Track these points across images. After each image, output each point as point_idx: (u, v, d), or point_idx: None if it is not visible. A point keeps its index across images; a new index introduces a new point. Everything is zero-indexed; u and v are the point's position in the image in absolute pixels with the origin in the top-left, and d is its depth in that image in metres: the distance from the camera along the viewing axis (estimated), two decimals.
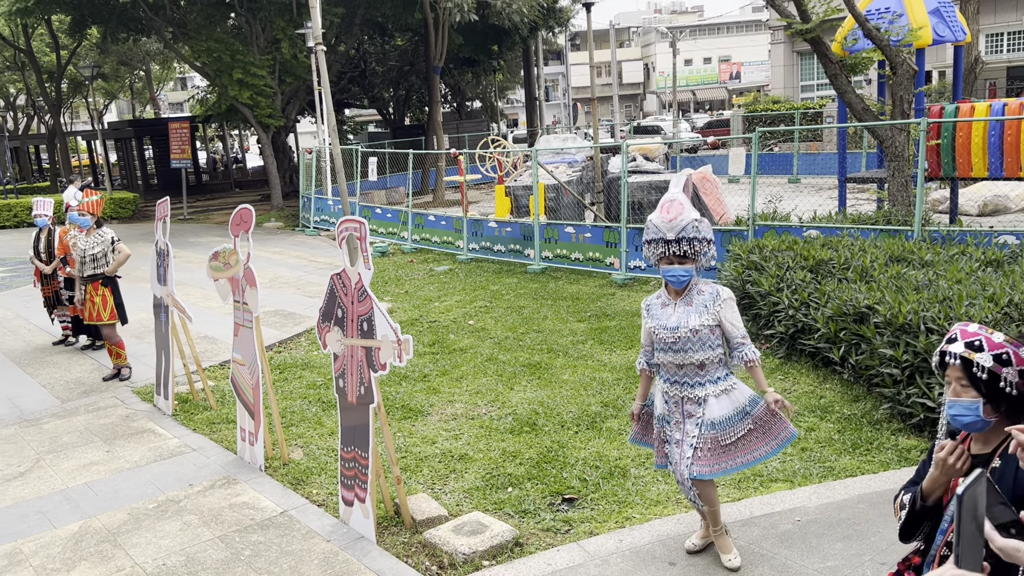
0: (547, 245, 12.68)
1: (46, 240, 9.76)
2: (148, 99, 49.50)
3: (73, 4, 21.87)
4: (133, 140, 35.41)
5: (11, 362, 9.23)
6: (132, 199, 26.26)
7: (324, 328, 4.94)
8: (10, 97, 46.22)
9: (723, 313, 3.95)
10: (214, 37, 21.75)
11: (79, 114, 55.03)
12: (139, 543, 4.83)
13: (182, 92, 67.53)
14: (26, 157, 43.06)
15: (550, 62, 57.66)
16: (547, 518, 4.84)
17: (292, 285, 12.89)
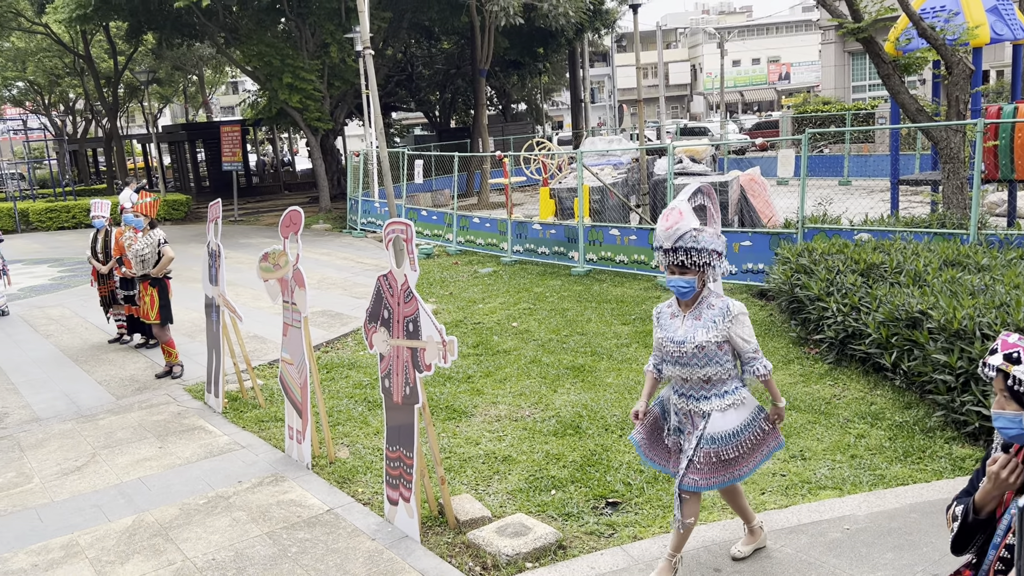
0: (591, 247, 12.64)
1: (103, 241, 10.03)
2: (201, 103, 50.61)
3: (130, 11, 22.45)
4: (186, 143, 36.25)
5: (69, 359, 9.51)
6: (185, 201, 26.86)
7: (371, 329, 4.99)
8: (70, 102, 47.67)
9: (733, 329, 3.83)
10: (265, 42, 22.15)
11: (135, 118, 56.47)
12: (189, 538, 4.94)
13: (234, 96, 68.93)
14: (84, 160, 44.34)
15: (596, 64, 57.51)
16: (590, 521, 4.82)
17: (339, 286, 13.05)
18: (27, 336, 10.84)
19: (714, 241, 3.80)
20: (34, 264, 17.84)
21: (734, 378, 3.93)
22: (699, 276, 3.84)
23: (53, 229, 25.34)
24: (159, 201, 8.32)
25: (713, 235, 3.82)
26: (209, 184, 35.50)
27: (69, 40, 33.30)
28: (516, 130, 33.14)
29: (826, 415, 6.19)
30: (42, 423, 7.31)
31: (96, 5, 21.00)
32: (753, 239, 10.51)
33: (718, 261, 3.83)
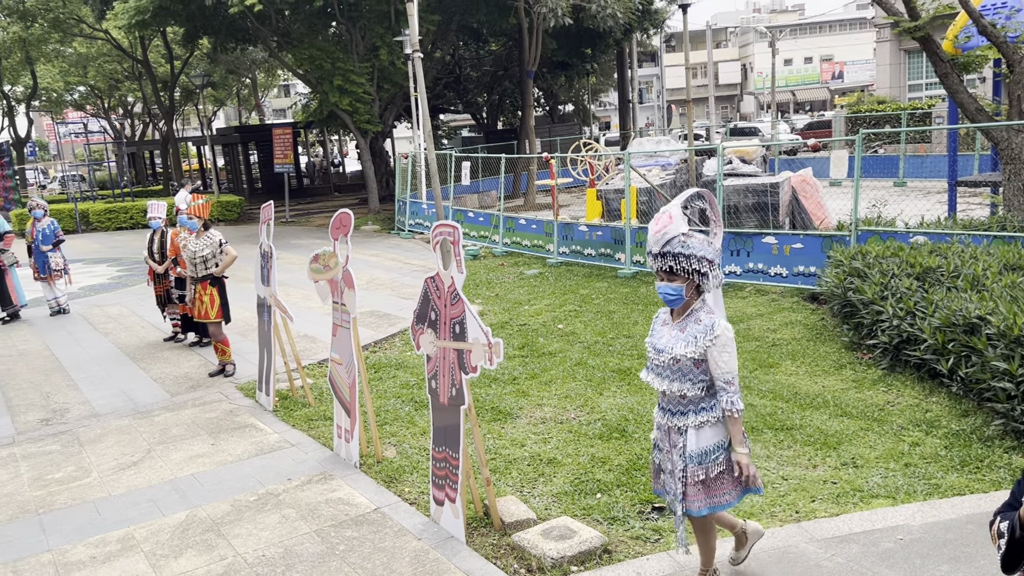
0: (638, 249, 12.55)
1: (159, 241, 10.29)
2: (254, 106, 51.61)
3: (186, 16, 23.00)
4: (239, 145, 36.98)
5: (126, 357, 9.77)
6: (238, 202, 27.41)
7: (418, 330, 5.04)
8: (128, 106, 49.01)
9: (711, 351, 3.59)
10: (316, 45, 22.50)
11: (190, 121, 57.84)
12: (240, 534, 5.04)
13: (285, 99, 70.12)
14: (142, 162, 45.55)
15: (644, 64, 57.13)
16: (636, 526, 4.79)
17: (387, 287, 13.19)
18: (87, 334, 11.17)
19: (704, 248, 3.60)
20: (94, 263, 18.38)
21: (712, 397, 3.71)
22: (688, 284, 3.63)
23: (112, 229, 26.07)
24: (211, 203, 8.50)
25: (703, 241, 3.63)
26: (261, 186, 36.18)
27: (128, 45, 34.24)
28: (563, 131, 33.11)
29: (879, 422, 6.05)
30: (100, 419, 7.53)
31: (154, 11, 21.56)
32: (805, 241, 10.34)
33: (710, 269, 3.60)
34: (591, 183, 16.31)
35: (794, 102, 70.21)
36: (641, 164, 16.95)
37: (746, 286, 10.81)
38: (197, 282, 8.47)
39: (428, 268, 14.48)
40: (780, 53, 54.26)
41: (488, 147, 27.89)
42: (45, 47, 35.31)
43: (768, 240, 10.62)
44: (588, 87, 39.18)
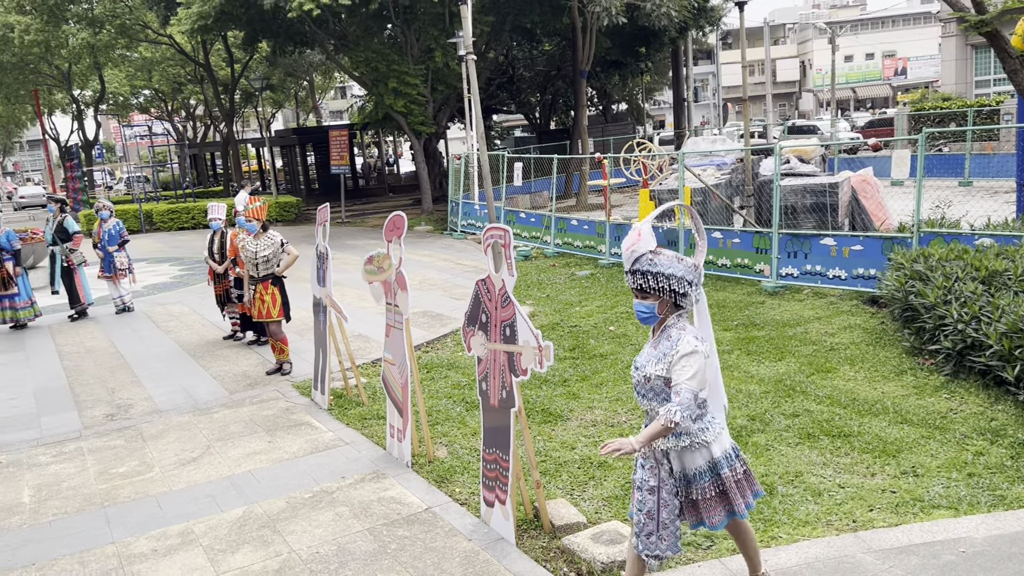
0: (692, 251, 12.41)
1: (219, 242, 10.54)
2: (311, 108, 52.51)
3: (246, 20, 23.51)
4: (297, 147, 37.66)
5: (187, 354, 10.04)
6: (295, 203, 27.91)
7: (469, 332, 5.07)
8: (191, 108, 50.32)
9: (673, 368, 3.51)
10: (372, 48, 22.78)
11: (249, 123, 59.08)
12: (295, 530, 5.14)
13: (342, 101, 71.16)
14: (203, 163, 46.69)
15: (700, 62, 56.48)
16: (688, 532, 4.74)
17: (440, 287, 13.29)
18: (150, 332, 11.51)
19: (673, 265, 3.53)
20: (157, 263, 18.92)
21: (698, 417, 3.64)
22: (661, 302, 3.58)
23: (174, 229, 26.80)
24: (267, 205, 8.68)
25: (672, 259, 3.55)
26: (318, 187, 36.78)
27: (191, 50, 35.14)
28: (616, 131, 32.92)
29: (941, 430, 5.88)
30: (162, 415, 7.75)
31: (215, 16, 22.10)
32: (864, 243, 10.10)
33: (681, 287, 3.53)
34: (644, 183, 16.18)
35: (855, 99, 68.59)
36: (696, 164, 16.74)
37: (803, 288, 10.61)
38: (258, 282, 8.65)
39: (480, 269, 14.55)
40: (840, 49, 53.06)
41: (540, 147, 27.88)
42: (112, 52, 36.46)
43: (826, 242, 10.40)
44: (642, 86, 38.90)
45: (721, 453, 3.67)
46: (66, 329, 12.03)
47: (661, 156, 18.61)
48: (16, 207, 46.46)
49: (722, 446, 3.69)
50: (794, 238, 10.79)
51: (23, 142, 68.34)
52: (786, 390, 6.97)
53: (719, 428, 3.71)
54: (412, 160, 28.70)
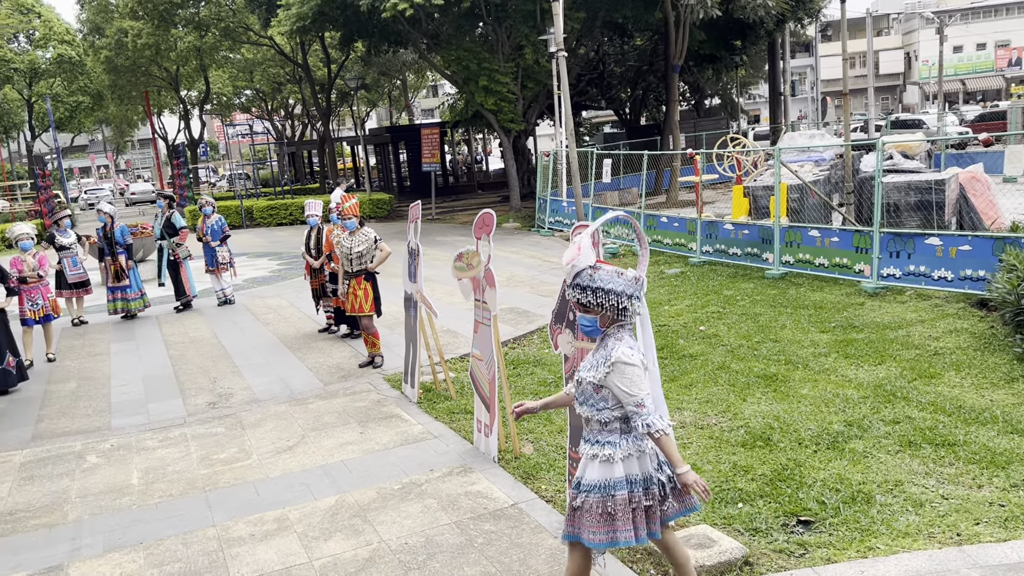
0: (788, 249, 12.07)
1: (315, 238, 10.85)
2: (403, 106, 53.47)
3: (343, 21, 24.12)
4: (389, 145, 38.42)
5: (284, 346, 10.39)
6: (388, 200, 28.50)
7: (556, 329, 5.06)
8: (289, 108, 52.00)
9: (610, 377, 3.51)
10: (463, 47, 23.03)
11: (345, 121, 60.66)
12: (385, 521, 5.25)
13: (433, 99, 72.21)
14: (300, 161, 48.22)
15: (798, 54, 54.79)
16: (780, 539, 4.62)
17: (527, 284, 13.33)
18: (249, 323, 11.96)
19: (612, 280, 3.53)
20: (256, 257, 19.65)
21: (616, 432, 3.61)
22: (602, 316, 3.59)
23: (273, 225, 27.77)
24: (358, 203, 8.89)
25: (612, 274, 3.55)
26: (410, 184, 37.44)
27: (290, 51, 36.31)
28: (709, 126, 32.27)
29: None
30: (260, 404, 8.05)
31: (313, 17, 22.76)
32: (973, 243, 9.60)
33: (620, 301, 3.52)
34: (738, 179, 15.84)
35: (964, 92, 65.25)
36: (792, 159, 16.25)
37: (906, 290, 10.17)
38: (352, 277, 8.87)
39: None
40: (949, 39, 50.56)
41: (630, 143, 27.61)
42: (217, 54, 38.07)
43: (932, 241, 9.94)
44: (736, 80, 38.01)
45: (622, 475, 3.60)
46: (172, 320, 12.63)
47: (756, 152, 18.15)
48: (127, 203, 49.02)
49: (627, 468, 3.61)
50: (897, 237, 10.35)
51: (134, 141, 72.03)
52: (886, 395, 6.70)
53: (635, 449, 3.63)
54: (501, 157, 28.86)
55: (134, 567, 4.92)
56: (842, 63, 14.45)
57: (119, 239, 12.46)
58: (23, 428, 7.85)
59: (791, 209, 13.46)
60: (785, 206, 12.84)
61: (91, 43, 40.24)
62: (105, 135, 69.42)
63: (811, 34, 40.99)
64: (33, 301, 10.25)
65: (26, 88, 47.39)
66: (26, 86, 47.34)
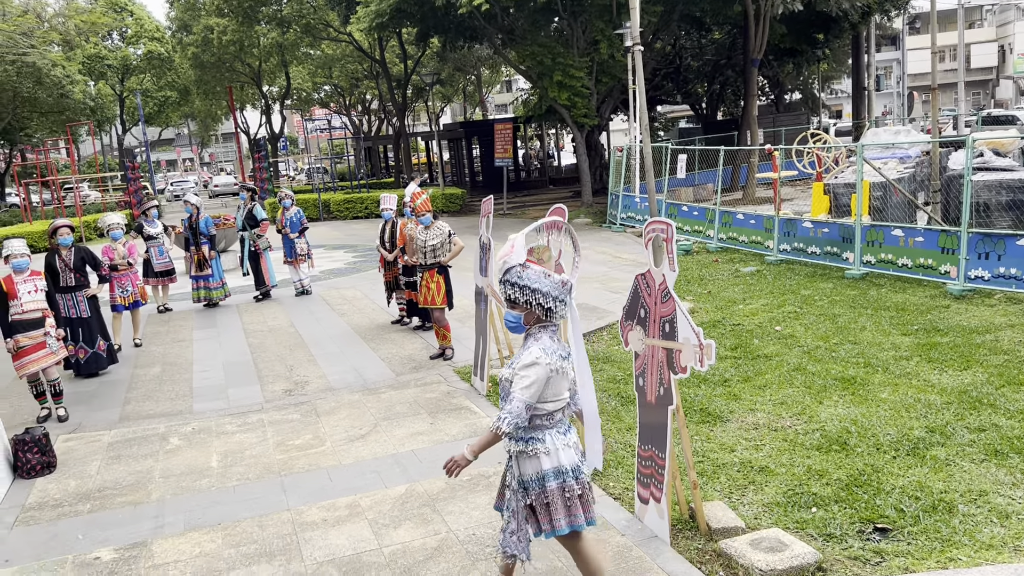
0: (869, 249, 11.70)
1: (390, 231, 11.03)
2: (477, 102, 53.78)
3: (420, 17, 24.39)
4: (463, 140, 38.66)
5: (358, 337, 10.60)
6: (460, 194, 28.74)
7: (626, 326, 5.03)
8: (366, 103, 52.90)
9: (515, 375, 3.66)
10: (538, 42, 23.01)
11: (420, 117, 61.37)
12: (453, 511, 5.31)
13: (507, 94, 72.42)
14: (376, 156, 49.00)
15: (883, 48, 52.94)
16: (855, 545, 4.50)
17: (597, 280, 13.26)
18: (325, 314, 12.24)
19: (539, 280, 3.64)
20: (333, 249, 20.08)
21: (541, 428, 3.72)
22: (527, 314, 3.71)
23: (349, 218, 28.32)
24: (429, 198, 9.00)
25: (540, 274, 3.65)
26: (482, 179, 37.65)
27: (368, 47, 36.91)
28: (788, 121, 31.46)
29: None
30: (335, 392, 8.23)
31: (391, 13, 23.09)
32: None
33: (546, 302, 3.64)
34: (818, 176, 15.41)
35: None
36: (876, 156, 15.71)
37: (995, 293, 9.74)
38: (425, 270, 8.99)
39: (638, 263, 14.38)
40: None
41: (706, 138, 27.16)
42: (297, 50, 38.99)
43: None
44: (818, 74, 36.96)
45: (551, 467, 3.72)
46: (252, 309, 13.02)
47: (837, 148, 17.63)
48: (210, 195, 50.68)
49: (555, 460, 3.72)
50: (986, 238, 9.92)
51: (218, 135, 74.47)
52: (971, 402, 6.44)
53: (561, 443, 3.74)
54: (573, 152, 28.75)
55: (213, 546, 5.10)
56: (931, 56, 13.92)
57: (203, 229, 12.90)
58: (111, 409, 8.22)
59: (873, 207, 13.04)
60: (867, 204, 12.44)
61: (179, 40, 41.74)
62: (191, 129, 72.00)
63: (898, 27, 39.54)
64: (123, 288, 10.71)
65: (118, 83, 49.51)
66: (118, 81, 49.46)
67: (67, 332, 8.96)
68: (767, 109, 34.13)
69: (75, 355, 9.23)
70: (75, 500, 5.98)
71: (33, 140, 42.27)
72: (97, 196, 41.23)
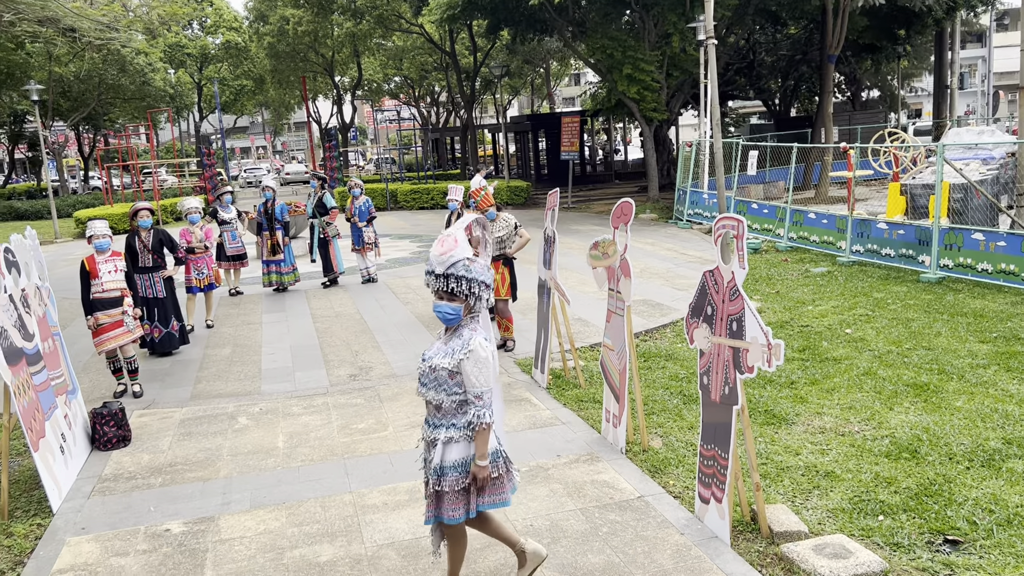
0: (947, 252, 11.30)
1: (454, 223, 11.10)
2: (545, 95, 53.68)
3: (490, 9, 24.46)
4: (529, 133, 38.69)
5: (421, 324, 10.72)
6: (525, 187, 28.75)
7: (692, 324, 4.97)
8: (435, 94, 53.34)
9: (464, 364, 3.79)
10: (608, 35, 22.83)
11: (487, 109, 61.63)
12: (512, 500, 5.32)
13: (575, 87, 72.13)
14: (443, 147, 49.41)
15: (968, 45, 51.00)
16: (923, 557, 4.36)
17: (661, 276, 13.13)
18: (390, 301, 12.41)
19: (484, 273, 3.86)
20: (399, 239, 20.33)
21: (466, 415, 3.87)
22: (465, 305, 3.85)
23: (415, 209, 28.63)
24: (490, 193, 9.03)
25: (484, 267, 3.88)
26: (547, 172, 37.61)
27: (438, 38, 37.20)
28: (865, 119, 30.58)
29: None
30: (397, 379, 8.34)
31: (463, 5, 23.23)
32: None
33: (484, 292, 3.87)
34: (895, 176, 14.93)
35: None
36: (957, 157, 15.15)
37: None
38: (492, 261, 9.02)
39: (704, 260, 14.19)
40: None
41: (778, 135, 26.59)
42: (370, 41, 39.50)
43: None
44: (898, 71, 35.80)
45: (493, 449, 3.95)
46: (319, 295, 13.29)
47: (916, 147, 17.06)
48: (282, 182, 51.83)
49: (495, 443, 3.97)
50: None
51: (290, 124, 76.06)
52: None
53: None
54: (641, 147, 28.48)
55: (276, 524, 5.23)
56: (1020, 54, 13.34)
57: (278, 216, 13.20)
58: (183, 388, 8.50)
59: (952, 210, 12.59)
60: (946, 206, 12.01)
61: (256, 30, 42.76)
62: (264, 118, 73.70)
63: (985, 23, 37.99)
64: (199, 270, 11.05)
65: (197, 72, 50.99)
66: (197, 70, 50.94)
67: (143, 311, 9.28)
68: (843, 106, 33.23)
69: (150, 334, 9.56)
70: (148, 473, 6.20)
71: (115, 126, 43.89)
72: (174, 181, 42.57)
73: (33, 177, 56.23)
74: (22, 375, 5.65)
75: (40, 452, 5.61)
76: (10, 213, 34.49)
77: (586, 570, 4.42)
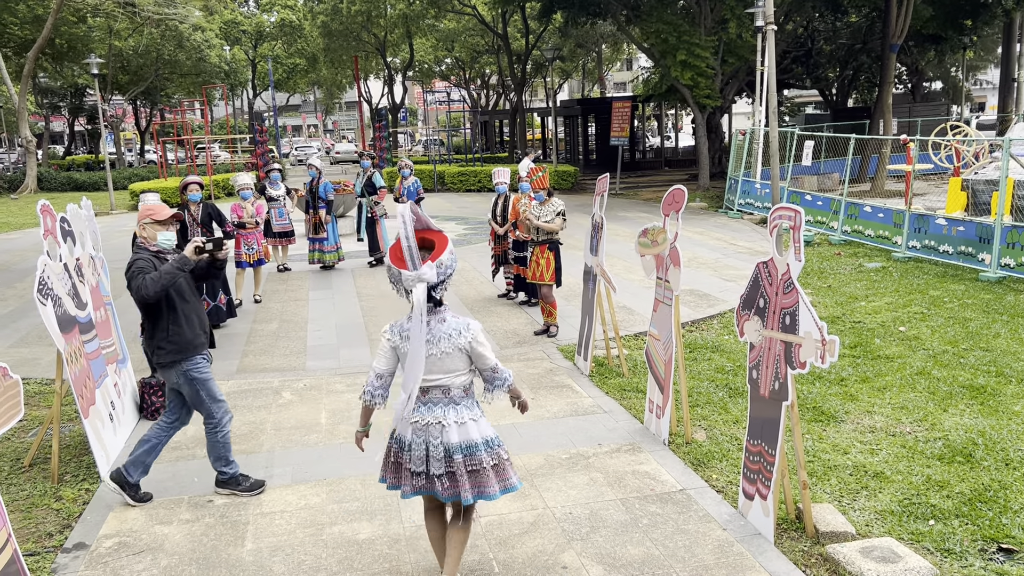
0: (1009, 251, 10.92)
1: (502, 205, 11.05)
2: (596, 79, 53.19)
3: None
4: (579, 117, 38.38)
5: (465, 307, 10.71)
6: (573, 172, 28.57)
7: (743, 316, 4.85)
8: (485, 77, 53.22)
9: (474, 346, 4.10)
10: (663, 19, 22.47)
11: (537, 92, 61.27)
12: (551, 488, 5.29)
13: (627, 72, 71.36)
14: (492, 130, 49.29)
15: None
16: (975, 564, 4.22)
17: (710, 266, 12.92)
18: None
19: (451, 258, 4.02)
20: (444, 221, 20.35)
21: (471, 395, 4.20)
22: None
23: (462, 191, 28.63)
24: (547, 174, 8.93)
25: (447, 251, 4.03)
26: (596, 158, 37.31)
27: (491, 20, 37.04)
28: (926, 111, 29.68)
29: None
30: None
31: None
32: None
33: None
34: (956, 171, 14.48)
35: None
36: (1022, 152, 14.62)
37: None
38: (536, 245, 8.96)
39: (755, 251, 13.92)
40: None
41: (834, 126, 25.97)
42: (423, 22, 39.52)
43: None
44: (963, 63, 34.68)
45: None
46: (365, 273, 13.36)
47: (979, 142, 16.50)
48: (332, 161, 52.32)
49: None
50: None
51: (342, 103, 76.54)
52: None
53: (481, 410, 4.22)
54: (692, 134, 28.06)
55: (317, 500, 5.27)
56: None
57: (322, 194, 13.29)
58: (230, 361, 8.62)
59: (1016, 207, 12.15)
60: (1010, 203, 11.60)
61: (310, 9, 43.05)
62: (316, 96, 74.33)
63: None
64: (249, 245, 11.17)
65: (251, 49, 51.58)
66: (251, 47, 51.52)
67: None
68: (903, 98, 32.33)
69: None
70: (192, 444, 6.30)
71: (172, 100, 44.64)
72: (227, 157, 43.25)
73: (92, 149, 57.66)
74: (75, 343, 5.76)
75: (90, 419, 5.73)
76: (69, 184, 35.37)
77: (625, 561, 4.37)
